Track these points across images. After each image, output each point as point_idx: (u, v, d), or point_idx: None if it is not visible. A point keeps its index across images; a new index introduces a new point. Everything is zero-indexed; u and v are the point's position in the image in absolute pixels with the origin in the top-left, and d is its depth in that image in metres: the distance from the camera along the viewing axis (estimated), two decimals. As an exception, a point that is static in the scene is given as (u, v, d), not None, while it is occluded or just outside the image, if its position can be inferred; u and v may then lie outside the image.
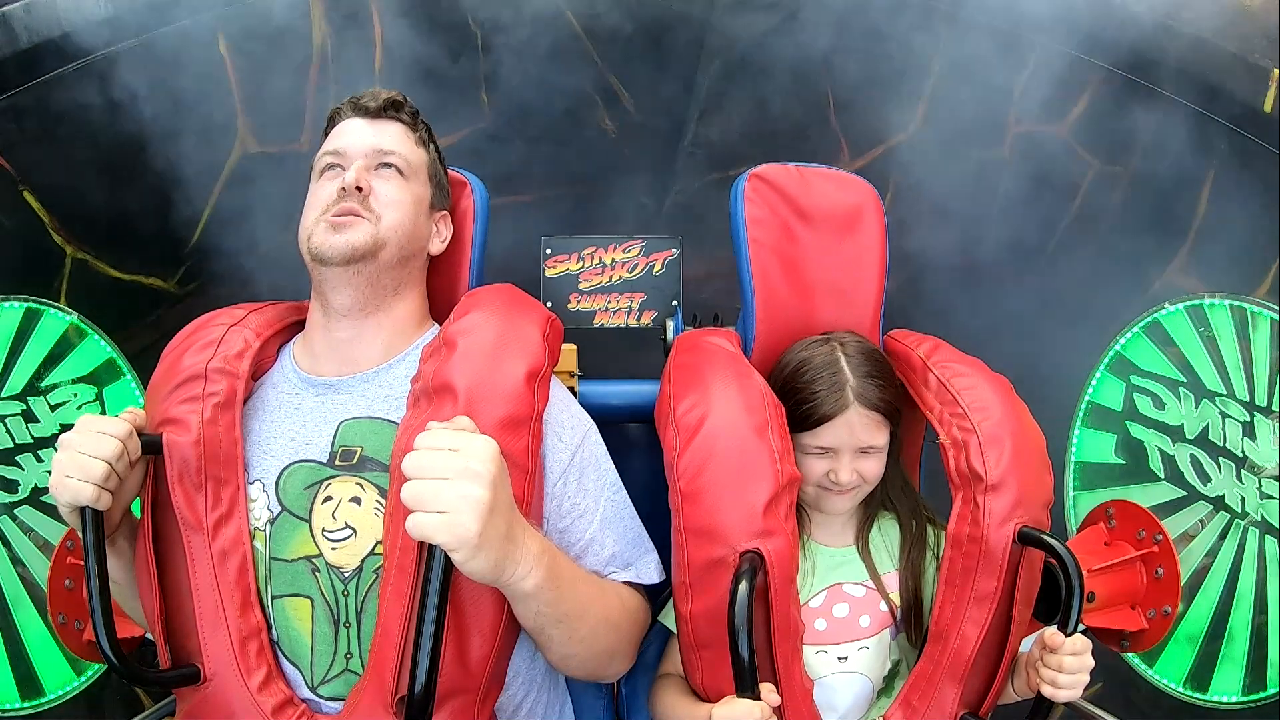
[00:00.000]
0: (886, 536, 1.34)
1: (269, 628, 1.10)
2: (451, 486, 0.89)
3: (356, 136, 1.25)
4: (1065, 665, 1.09)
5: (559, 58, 1.97)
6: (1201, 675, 1.67)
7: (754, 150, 2.00)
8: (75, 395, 1.75)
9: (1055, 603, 1.19)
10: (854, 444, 1.24)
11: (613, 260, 1.75)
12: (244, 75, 1.84)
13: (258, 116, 1.89)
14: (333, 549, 1.10)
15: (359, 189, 1.19)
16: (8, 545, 1.69)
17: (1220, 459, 1.65)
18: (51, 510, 1.69)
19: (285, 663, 1.10)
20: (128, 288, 1.87)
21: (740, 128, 2.06)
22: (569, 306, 1.74)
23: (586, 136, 2.10)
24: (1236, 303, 1.64)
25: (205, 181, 1.87)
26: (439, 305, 1.34)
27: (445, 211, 1.35)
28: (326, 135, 1.30)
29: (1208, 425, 1.67)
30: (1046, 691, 1.11)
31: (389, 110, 1.27)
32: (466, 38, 1.92)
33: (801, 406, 1.25)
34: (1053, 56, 1.81)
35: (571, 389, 1.56)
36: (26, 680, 1.69)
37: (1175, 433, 1.72)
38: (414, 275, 1.28)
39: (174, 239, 1.90)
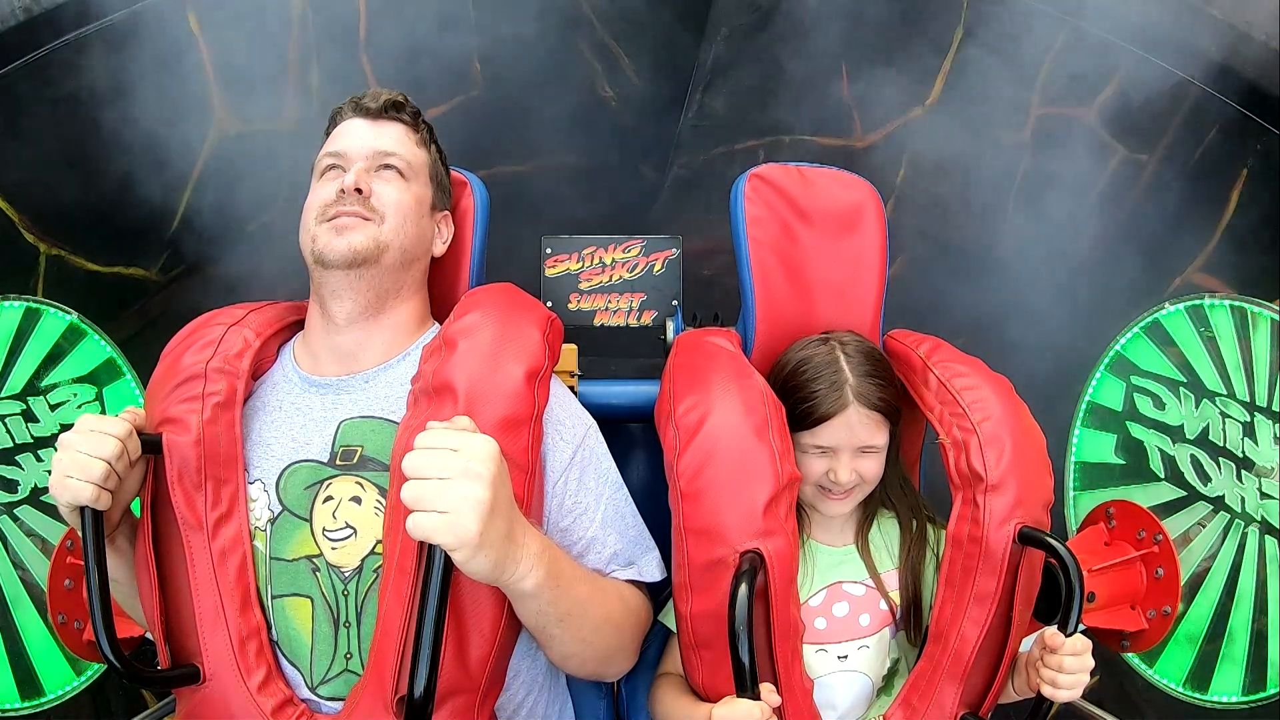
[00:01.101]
0: (886, 535, 1.34)
1: (269, 627, 1.10)
2: (452, 486, 0.89)
3: (357, 138, 1.25)
4: (1065, 665, 1.09)
5: (556, 22, 1.91)
6: (1201, 675, 1.67)
7: (762, 123, 1.92)
8: (75, 395, 1.75)
9: (1055, 602, 1.19)
10: (853, 443, 1.24)
11: (613, 260, 1.75)
12: (218, 53, 1.79)
13: (235, 96, 1.84)
14: (333, 549, 1.10)
15: (359, 191, 1.19)
16: (8, 545, 1.69)
17: (1220, 459, 1.65)
18: (51, 510, 1.69)
19: (285, 663, 1.10)
20: (108, 280, 1.83)
21: (747, 99, 1.99)
22: (569, 306, 1.74)
23: (586, 105, 2.04)
24: (1236, 303, 1.64)
25: (183, 166, 1.82)
26: (439, 305, 1.34)
27: (447, 212, 1.36)
28: (327, 135, 1.30)
29: (1208, 425, 1.67)
30: (1046, 691, 1.11)
31: (390, 111, 1.28)
32: (456, 2, 1.86)
33: (801, 406, 1.25)
34: (1082, 36, 1.74)
35: (571, 389, 1.55)
36: (26, 680, 1.69)
37: (1175, 433, 1.72)
38: (417, 278, 1.29)
39: (154, 227, 1.86)
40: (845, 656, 1.26)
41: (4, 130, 1.66)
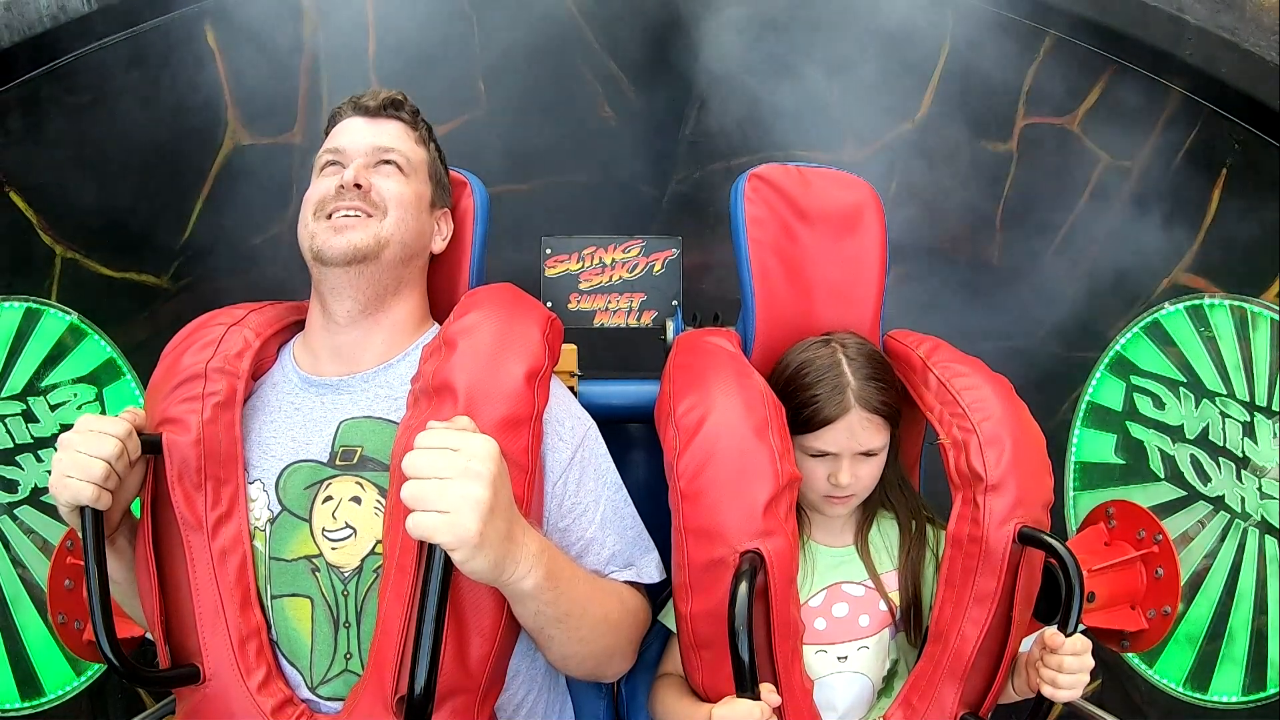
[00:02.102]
0: (886, 536, 1.34)
1: (268, 627, 1.10)
2: (452, 486, 0.89)
3: (356, 135, 1.25)
4: (1065, 665, 1.09)
5: (558, 44, 1.95)
6: (1201, 675, 1.67)
7: (756, 139, 1.98)
8: (75, 395, 1.75)
9: (1055, 602, 1.19)
10: (854, 447, 1.24)
11: (613, 260, 1.75)
12: (233, 67, 1.83)
13: (248, 108, 1.88)
14: (333, 549, 1.10)
15: (358, 186, 1.19)
16: (8, 545, 1.69)
17: (1220, 459, 1.65)
18: (51, 510, 1.69)
19: (285, 663, 1.10)
20: (120, 285, 1.86)
21: (742, 116, 2.04)
22: (569, 306, 1.74)
23: (586, 124, 2.09)
24: (1236, 303, 1.64)
25: (196, 175, 1.86)
26: (439, 305, 1.34)
27: (446, 210, 1.36)
28: (327, 134, 1.30)
29: (1208, 425, 1.67)
30: (1046, 691, 1.11)
31: (389, 109, 1.28)
32: (463, 22, 1.90)
33: (803, 410, 1.24)
34: (1064, 47, 1.79)
35: (571, 389, 1.55)
36: (26, 680, 1.69)
37: (1175, 433, 1.72)
38: (415, 275, 1.29)
39: (166, 235, 1.89)
40: (845, 657, 1.26)
41: (27, 133, 1.70)
